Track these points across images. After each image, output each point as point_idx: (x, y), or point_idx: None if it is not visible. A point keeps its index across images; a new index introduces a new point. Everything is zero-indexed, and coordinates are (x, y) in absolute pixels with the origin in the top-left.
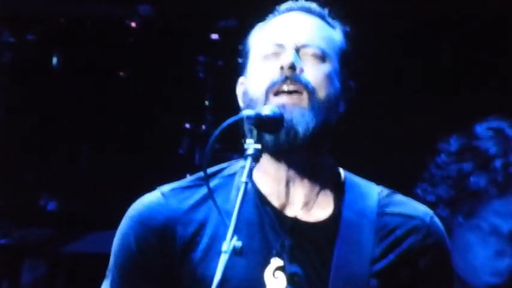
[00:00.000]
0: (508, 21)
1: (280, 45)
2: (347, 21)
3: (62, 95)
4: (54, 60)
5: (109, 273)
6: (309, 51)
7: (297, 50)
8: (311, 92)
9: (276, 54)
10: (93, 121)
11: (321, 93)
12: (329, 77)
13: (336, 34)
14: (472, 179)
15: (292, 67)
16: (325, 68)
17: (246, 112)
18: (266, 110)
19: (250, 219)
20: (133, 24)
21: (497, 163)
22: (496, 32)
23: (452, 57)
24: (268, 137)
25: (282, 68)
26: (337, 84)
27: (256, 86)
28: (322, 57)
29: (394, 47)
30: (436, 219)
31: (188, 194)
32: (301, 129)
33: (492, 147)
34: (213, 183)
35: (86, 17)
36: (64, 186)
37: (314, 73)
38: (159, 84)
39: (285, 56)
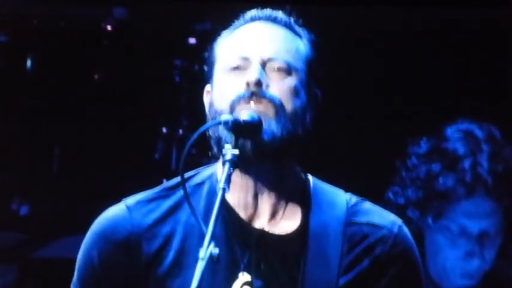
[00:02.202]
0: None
1: (246, 59)
2: (315, 28)
3: (35, 97)
4: (28, 62)
5: (73, 287)
6: (275, 65)
7: (263, 64)
8: (277, 106)
9: (242, 68)
10: (67, 125)
11: (288, 107)
12: (295, 90)
13: (302, 44)
14: (440, 179)
15: (258, 83)
16: (291, 81)
17: (224, 117)
18: (244, 115)
19: (216, 231)
20: (108, 27)
21: (466, 163)
22: (463, 35)
23: (422, 61)
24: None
25: (247, 84)
26: (303, 95)
27: (221, 99)
28: (288, 71)
29: (364, 53)
30: (405, 229)
31: (153, 207)
32: (267, 138)
33: (461, 148)
34: (180, 194)
35: (61, 19)
36: (36, 191)
37: (280, 87)
38: (135, 88)
39: (251, 71)
